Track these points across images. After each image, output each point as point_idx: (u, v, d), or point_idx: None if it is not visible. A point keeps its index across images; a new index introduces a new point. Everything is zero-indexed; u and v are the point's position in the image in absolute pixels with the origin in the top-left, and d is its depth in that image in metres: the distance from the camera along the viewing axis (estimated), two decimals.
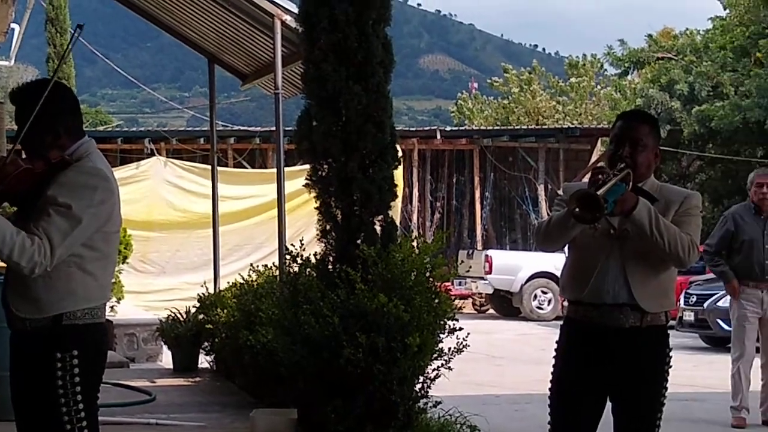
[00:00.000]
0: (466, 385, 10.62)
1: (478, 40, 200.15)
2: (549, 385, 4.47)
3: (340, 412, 6.15)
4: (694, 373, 12.61)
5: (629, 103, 27.78)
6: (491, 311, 23.71)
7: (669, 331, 4.46)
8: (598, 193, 4.03)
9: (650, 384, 4.33)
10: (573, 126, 30.41)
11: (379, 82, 6.53)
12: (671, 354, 4.41)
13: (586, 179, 4.32)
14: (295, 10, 7.44)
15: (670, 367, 4.39)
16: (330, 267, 6.47)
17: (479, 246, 25.94)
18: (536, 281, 21.85)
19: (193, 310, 10.84)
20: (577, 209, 4.06)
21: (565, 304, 4.68)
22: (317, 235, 6.61)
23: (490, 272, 22.03)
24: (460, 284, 22.23)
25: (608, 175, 4.16)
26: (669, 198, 4.41)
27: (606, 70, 39.40)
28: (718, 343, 15.92)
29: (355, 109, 6.43)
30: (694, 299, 16.54)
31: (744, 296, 8.83)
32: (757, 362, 8.98)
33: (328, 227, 6.54)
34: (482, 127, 35.19)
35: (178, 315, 10.92)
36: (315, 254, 6.64)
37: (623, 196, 4.16)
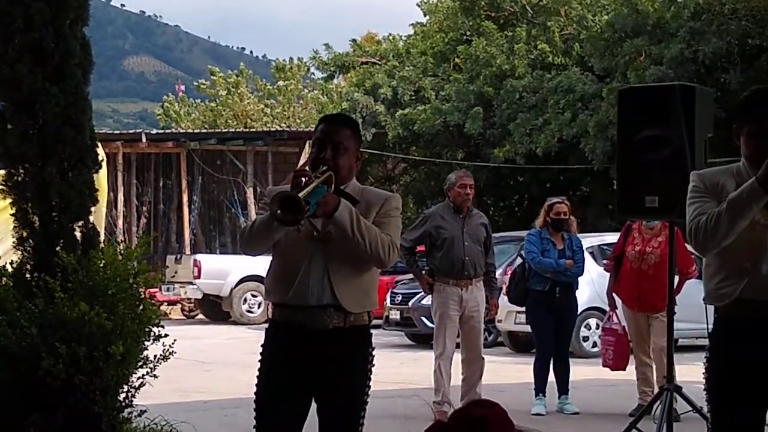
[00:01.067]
0: (174, 393, 10.48)
1: (185, 41, 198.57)
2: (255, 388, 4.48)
3: (39, 426, 5.94)
4: (399, 370, 12.98)
5: (336, 106, 28.32)
6: (201, 316, 23.55)
7: (375, 331, 4.57)
8: (300, 195, 4.08)
9: (353, 383, 4.40)
10: (281, 129, 30.72)
11: (77, 84, 6.36)
12: (374, 353, 4.52)
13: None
14: None
15: (373, 365, 4.49)
16: (28, 276, 6.25)
17: (188, 250, 25.70)
18: (246, 285, 21.87)
19: None
20: (279, 211, 4.09)
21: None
22: (14, 243, 6.37)
23: (198, 277, 21.87)
24: (168, 290, 21.97)
25: (310, 178, 4.21)
26: (370, 200, 4.51)
27: (313, 73, 40.02)
28: (423, 340, 16.45)
29: (53, 111, 6.24)
30: (400, 298, 17.02)
31: (445, 294, 9.14)
32: (458, 357, 9.33)
33: (25, 234, 6.31)
34: (189, 130, 34.89)
35: None
36: (11, 263, 6.38)
37: (325, 198, 4.22)
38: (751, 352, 4.13)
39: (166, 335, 6.26)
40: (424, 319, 16.04)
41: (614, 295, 9.85)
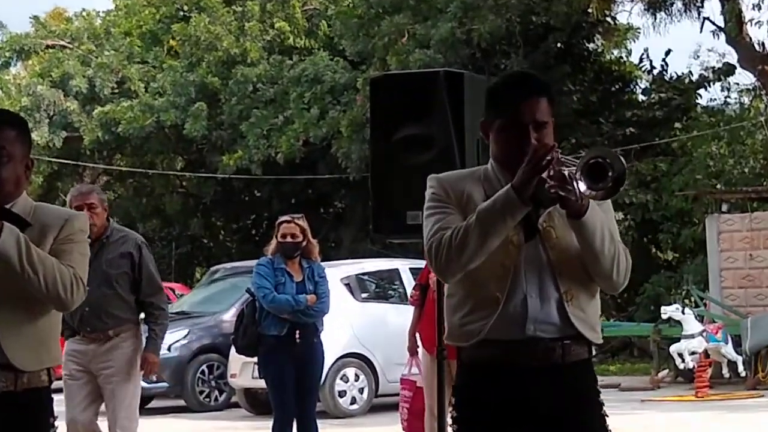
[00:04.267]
0: None
1: None
2: None
3: None
4: None
5: (13, 102, 27.59)
6: None
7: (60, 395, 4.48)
8: None
9: None
10: None
11: None
12: (56, 423, 4.43)
13: None
14: None
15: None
16: None
17: None
18: None
19: None
20: None
21: None
22: None
23: None
24: None
25: None
26: (46, 221, 4.40)
27: None
28: None
29: None
30: None
31: (65, 352, 8.96)
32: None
33: None
34: None
35: None
36: None
37: None
38: (503, 403, 4.22)
39: None
40: None
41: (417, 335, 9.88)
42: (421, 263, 13.82)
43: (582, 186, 3.97)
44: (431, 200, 4.35)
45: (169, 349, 15.70)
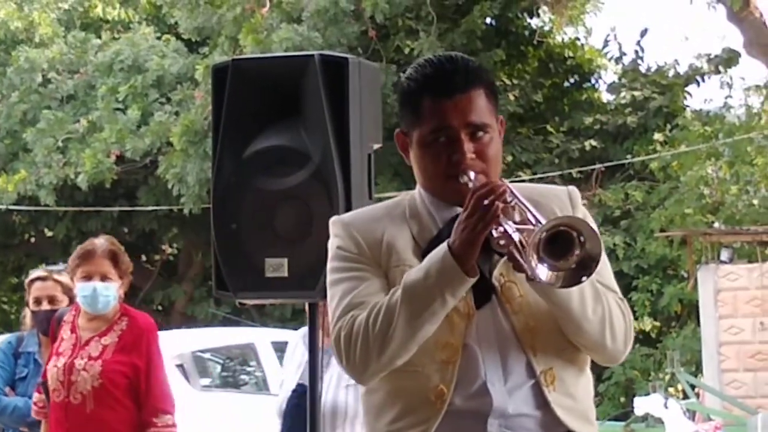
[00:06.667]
0: None
1: None
2: None
3: None
4: None
5: None
6: None
7: None
8: None
9: None
10: None
11: None
12: None
13: None
14: None
15: None
16: None
17: None
18: None
19: None
20: None
21: None
22: None
23: None
24: None
25: None
26: None
27: None
28: None
29: None
30: None
31: None
32: None
33: None
34: None
35: None
36: None
37: None
38: None
39: None
40: None
41: None
42: (287, 334, 13.54)
43: (541, 268, 3.84)
44: (337, 258, 4.25)
45: None
